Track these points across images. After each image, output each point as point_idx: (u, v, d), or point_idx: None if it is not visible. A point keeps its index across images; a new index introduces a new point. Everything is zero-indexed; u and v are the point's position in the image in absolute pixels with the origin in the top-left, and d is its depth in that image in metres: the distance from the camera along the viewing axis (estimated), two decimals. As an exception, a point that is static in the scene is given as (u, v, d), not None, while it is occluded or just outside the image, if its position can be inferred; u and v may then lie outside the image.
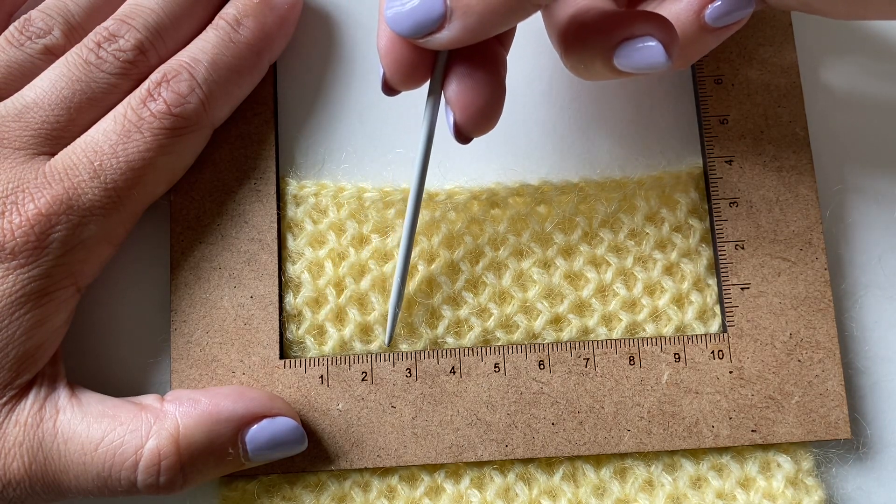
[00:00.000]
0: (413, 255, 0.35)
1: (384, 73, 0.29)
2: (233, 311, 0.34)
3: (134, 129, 0.32)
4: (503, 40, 0.30)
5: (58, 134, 0.33)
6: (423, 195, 0.35)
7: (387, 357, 0.34)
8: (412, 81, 0.29)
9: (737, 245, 0.34)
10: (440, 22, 0.26)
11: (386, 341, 0.34)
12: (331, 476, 0.34)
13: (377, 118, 0.37)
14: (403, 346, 0.34)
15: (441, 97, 0.30)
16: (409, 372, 0.34)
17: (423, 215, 0.35)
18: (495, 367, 0.33)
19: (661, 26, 0.28)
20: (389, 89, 0.30)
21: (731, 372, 0.33)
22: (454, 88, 0.29)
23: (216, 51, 0.34)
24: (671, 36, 0.28)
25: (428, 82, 0.30)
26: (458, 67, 0.29)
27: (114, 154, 0.32)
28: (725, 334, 0.34)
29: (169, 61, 0.34)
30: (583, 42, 0.29)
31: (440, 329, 0.34)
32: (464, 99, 0.28)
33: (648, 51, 0.28)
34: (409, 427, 0.33)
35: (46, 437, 0.30)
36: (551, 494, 0.33)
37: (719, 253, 0.34)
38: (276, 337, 0.34)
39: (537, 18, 0.38)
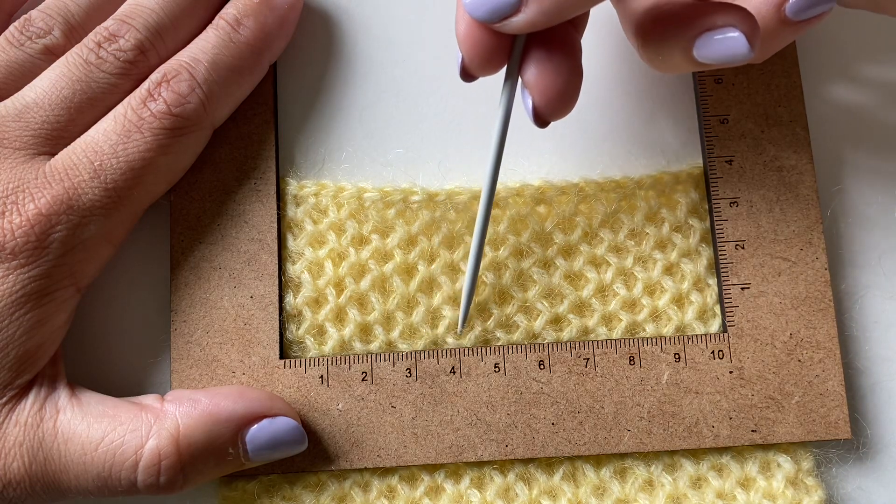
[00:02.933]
0: (413, 254, 0.35)
1: (462, 59, 0.29)
2: (233, 311, 0.34)
3: (134, 129, 0.32)
4: (577, 24, 0.30)
5: (58, 134, 0.33)
6: (424, 195, 0.35)
7: (387, 357, 0.34)
8: (490, 66, 0.29)
9: (737, 245, 0.34)
10: (517, 5, 0.26)
11: (459, 329, 0.34)
12: (331, 476, 0.34)
13: (377, 118, 0.37)
14: (403, 346, 0.34)
15: (518, 82, 0.30)
16: (409, 372, 0.34)
17: (423, 215, 0.35)
18: (495, 367, 0.34)
19: (742, 17, 0.28)
20: (467, 75, 0.30)
21: (731, 372, 0.33)
22: (533, 72, 0.29)
23: (216, 51, 0.34)
24: (753, 27, 0.28)
25: (504, 68, 0.30)
26: (536, 52, 0.29)
27: (114, 154, 0.32)
28: (725, 334, 0.34)
29: (169, 61, 0.34)
30: (662, 33, 0.29)
31: (440, 329, 0.34)
32: (543, 82, 0.28)
33: (731, 42, 0.28)
34: (409, 427, 0.33)
35: (46, 437, 0.30)
36: (551, 494, 0.33)
37: (719, 253, 0.34)
38: (276, 337, 0.34)
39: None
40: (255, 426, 0.32)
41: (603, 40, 0.37)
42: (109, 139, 0.32)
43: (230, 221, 0.35)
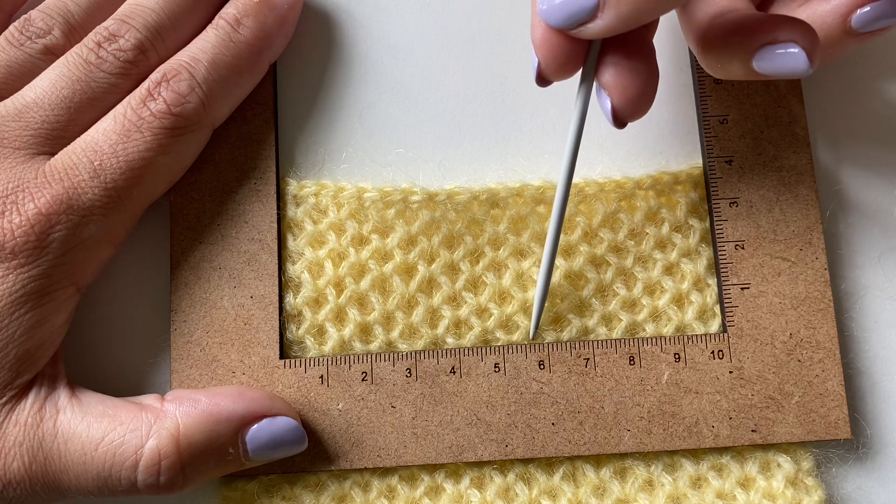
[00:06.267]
0: (413, 254, 0.35)
1: (538, 65, 0.29)
2: (233, 311, 0.34)
3: (134, 129, 0.32)
4: (649, 26, 0.30)
5: (58, 134, 0.33)
6: (424, 195, 0.35)
7: (387, 357, 0.34)
8: (566, 71, 0.29)
9: (737, 245, 0.34)
10: (593, 12, 0.27)
11: (531, 334, 0.34)
12: (331, 476, 0.34)
13: (377, 118, 0.37)
14: (403, 346, 0.34)
15: (593, 85, 0.30)
16: (409, 372, 0.34)
17: (423, 215, 0.35)
18: (495, 367, 0.34)
19: (804, 33, 0.28)
20: (543, 80, 0.30)
21: (731, 372, 0.33)
22: (611, 74, 0.29)
23: (216, 50, 0.34)
24: (813, 43, 0.28)
25: (579, 72, 0.30)
26: (613, 55, 0.29)
27: (114, 154, 0.32)
28: (725, 334, 0.34)
29: (169, 61, 0.34)
30: (723, 43, 0.29)
31: (440, 329, 0.34)
32: (621, 84, 0.29)
33: (790, 57, 0.28)
34: (409, 427, 0.33)
35: (46, 436, 0.30)
36: (551, 494, 0.33)
37: (719, 253, 0.34)
38: (276, 337, 0.34)
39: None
40: (255, 426, 0.32)
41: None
42: (109, 139, 0.32)
43: (230, 221, 0.35)
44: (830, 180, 0.36)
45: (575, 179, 0.35)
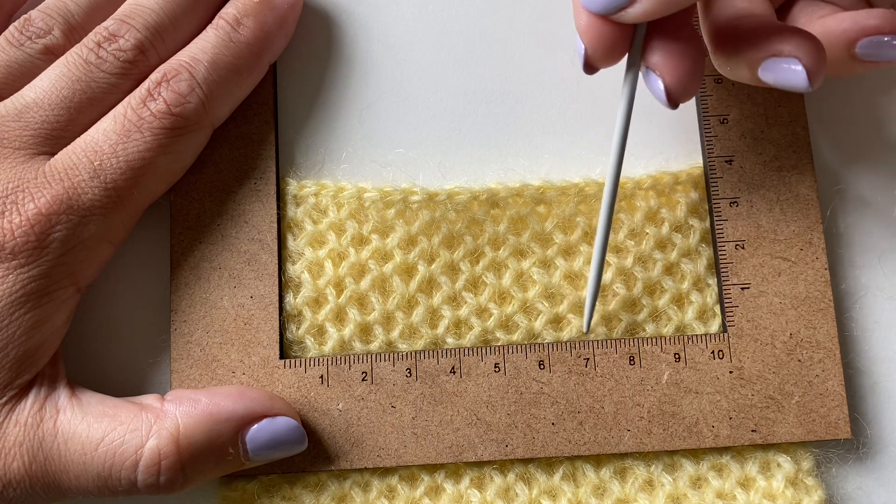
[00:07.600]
0: (413, 254, 0.35)
1: (585, 52, 0.29)
2: (233, 311, 0.34)
3: (134, 129, 0.32)
4: (688, 9, 0.31)
5: (58, 134, 0.33)
6: (424, 195, 0.35)
7: (387, 357, 0.34)
8: (612, 57, 0.30)
9: (737, 245, 0.34)
10: None
11: (585, 328, 0.34)
12: (331, 476, 0.34)
13: (377, 118, 0.37)
14: (403, 346, 0.34)
15: (639, 70, 0.30)
16: (409, 372, 0.34)
17: (423, 215, 0.35)
18: (495, 367, 0.34)
19: (810, 51, 0.28)
20: (590, 67, 0.30)
21: (731, 372, 0.33)
22: (660, 56, 0.29)
23: (216, 50, 0.34)
24: (818, 63, 0.28)
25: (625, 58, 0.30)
26: (659, 37, 0.29)
27: (114, 154, 0.32)
28: (725, 334, 0.34)
29: (169, 61, 0.34)
30: (734, 47, 0.30)
31: (440, 329, 0.34)
32: (672, 64, 0.29)
33: (792, 73, 0.28)
34: (409, 427, 0.33)
35: (47, 436, 0.30)
36: (551, 494, 0.33)
37: (719, 253, 0.34)
38: (276, 337, 0.34)
39: (538, 19, 0.38)
40: (256, 426, 0.32)
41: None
42: (109, 139, 0.32)
43: (230, 221, 0.35)
44: (831, 180, 0.36)
45: (575, 179, 0.35)
